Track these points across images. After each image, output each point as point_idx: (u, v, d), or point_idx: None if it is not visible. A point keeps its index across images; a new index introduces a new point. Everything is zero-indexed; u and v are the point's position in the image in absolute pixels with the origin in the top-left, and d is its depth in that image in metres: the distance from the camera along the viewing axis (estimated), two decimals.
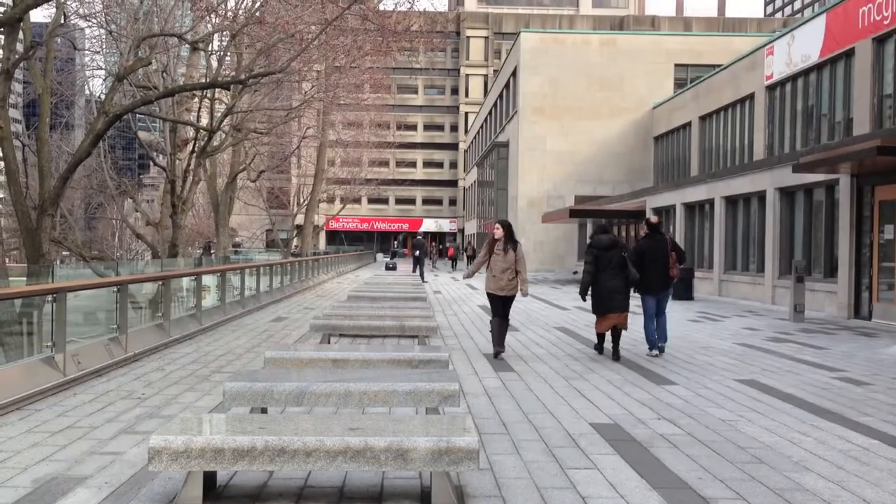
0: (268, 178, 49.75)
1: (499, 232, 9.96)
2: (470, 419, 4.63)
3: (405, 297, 15.71)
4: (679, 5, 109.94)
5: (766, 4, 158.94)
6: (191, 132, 25.18)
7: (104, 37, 24.92)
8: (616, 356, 10.19)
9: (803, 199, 19.97)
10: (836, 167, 16.33)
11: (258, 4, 20.88)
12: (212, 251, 33.95)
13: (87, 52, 27.89)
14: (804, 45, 21.81)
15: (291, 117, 30.11)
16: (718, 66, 31.15)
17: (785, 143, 23.63)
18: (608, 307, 10.20)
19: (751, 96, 25.77)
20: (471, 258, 56.68)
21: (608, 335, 10.81)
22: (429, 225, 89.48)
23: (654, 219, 11.26)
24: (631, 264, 10.33)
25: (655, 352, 10.69)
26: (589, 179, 41.18)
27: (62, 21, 20.80)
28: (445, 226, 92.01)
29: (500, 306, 10.13)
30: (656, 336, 10.69)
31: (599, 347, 10.82)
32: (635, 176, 39.68)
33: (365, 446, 4.13)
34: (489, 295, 10.15)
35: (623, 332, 10.74)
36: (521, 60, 42.07)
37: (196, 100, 24.91)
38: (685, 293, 22.25)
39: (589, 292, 10.50)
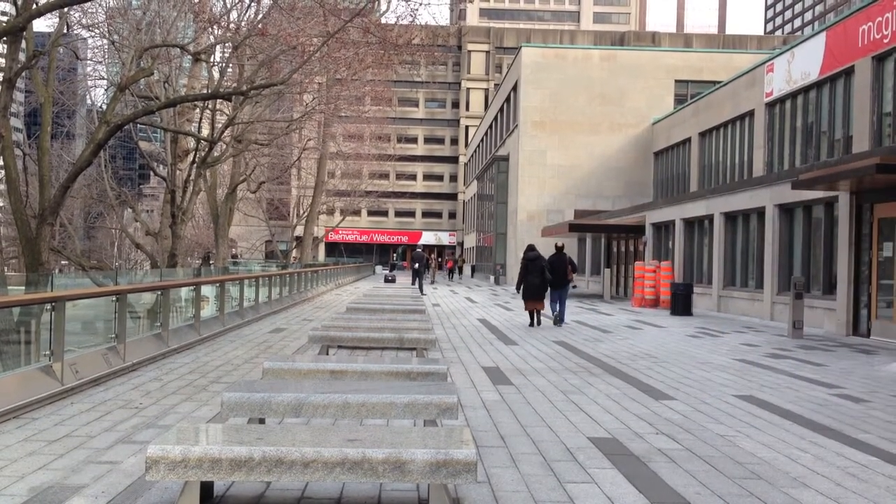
0: (268, 190, 49.83)
1: None
2: (468, 432, 4.62)
3: (404, 309, 15.67)
4: (679, 21, 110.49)
5: (767, 22, 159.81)
6: (191, 143, 25.25)
7: (106, 47, 25.06)
8: (534, 324, 16.82)
9: (802, 215, 20.01)
10: (835, 184, 16.37)
11: (260, 17, 21.02)
12: (211, 262, 33.94)
13: (89, 61, 28.01)
14: (804, 63, 21.90)
15: (292, 129, 30.22)
16: (718, 82, 31.31)
17: (784, 159, 23.69)
18: (531, 296, 16.81)
19: (750, 113, 25.86)
20: (460, 269, 56.23)
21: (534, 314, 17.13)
22: (428, 238, 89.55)
23: (559, 244, 18.26)
24: (547, 271, 16.76)
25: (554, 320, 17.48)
26: (588, 194, 41.28)
27: (65, 31, 20.88)
28: (445, 239, 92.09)
29: None
30: (555, 313, 17.45)
31: (531, 323, 16.90)
32: (635, 191, 39.75)
33: (363, 458, 4.12)
34: None
35: (541, 311, 17.14)
36: (522, 75, 42.24)
37: (197, 111, 24.99)
38: (684, 309, 22.20)
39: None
